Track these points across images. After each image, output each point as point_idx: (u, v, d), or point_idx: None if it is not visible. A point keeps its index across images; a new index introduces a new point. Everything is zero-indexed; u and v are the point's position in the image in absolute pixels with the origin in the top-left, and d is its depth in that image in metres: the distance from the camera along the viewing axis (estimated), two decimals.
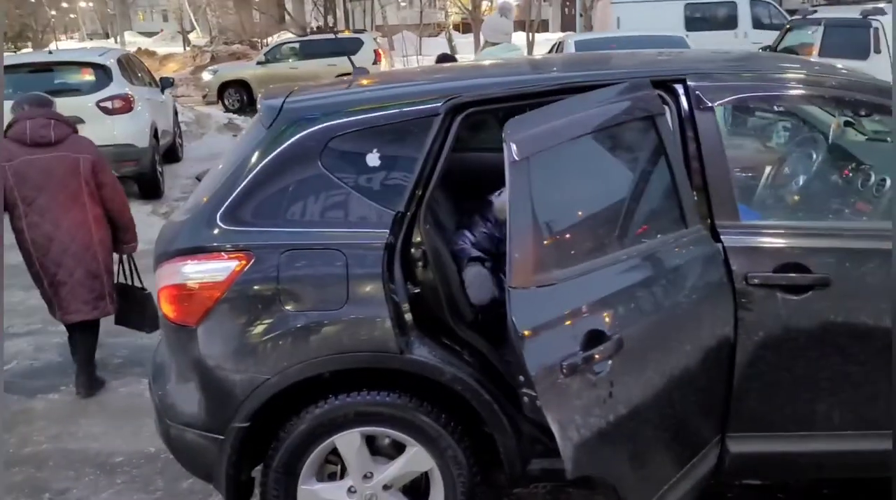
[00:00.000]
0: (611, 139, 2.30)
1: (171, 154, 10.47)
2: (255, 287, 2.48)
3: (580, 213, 2.21)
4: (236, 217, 2.55)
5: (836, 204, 2.90)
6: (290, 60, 18.00)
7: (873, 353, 2.50)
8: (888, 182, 2.95)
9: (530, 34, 25.02)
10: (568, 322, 2.01)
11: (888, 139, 3.33)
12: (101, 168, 4.26)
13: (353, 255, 2.46)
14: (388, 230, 2.47)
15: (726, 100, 2.56)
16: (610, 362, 2.05)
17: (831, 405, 2.56)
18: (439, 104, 2.55)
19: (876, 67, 7.39)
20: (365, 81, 2.92)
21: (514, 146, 1.96)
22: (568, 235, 2.14)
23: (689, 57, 3.40)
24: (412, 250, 2.57)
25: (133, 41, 39.37)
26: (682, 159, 2.43)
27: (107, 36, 44.82)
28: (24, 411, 4.15)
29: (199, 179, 3.33)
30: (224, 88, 17.68)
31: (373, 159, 2.52)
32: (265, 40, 31.01)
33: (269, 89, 3.00)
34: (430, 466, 2.61)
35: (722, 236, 2.47)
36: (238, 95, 17.59)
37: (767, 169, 3.01)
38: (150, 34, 48.15)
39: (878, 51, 8.20)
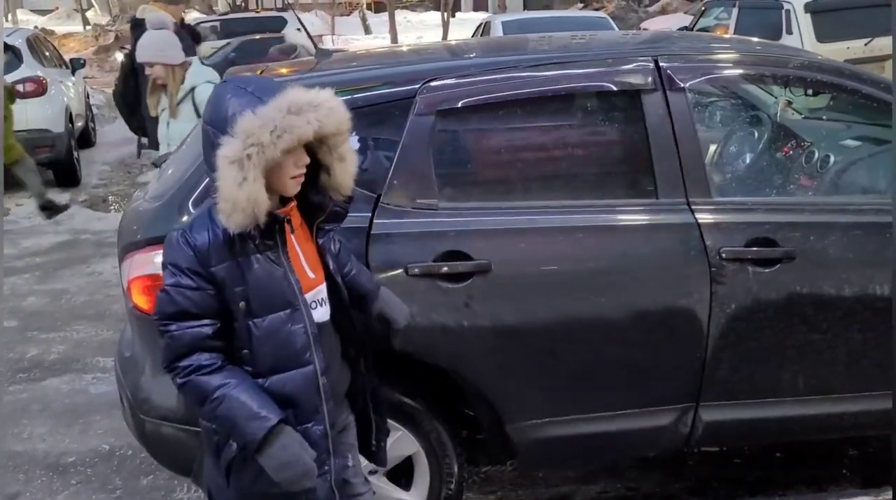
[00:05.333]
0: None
1: (85, 139, 10.04)
2: None
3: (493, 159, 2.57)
4: None
5: (797, 180, 3.03)
6: (212, 39, 17.49)
7: (834, 322, 2.64)
8: (832, 159, 3.10)
9: (445, 15, 24.99)
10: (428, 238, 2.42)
11: (823, 117, 3.51)
12: None
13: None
14: (370, 214, 2.45)
15: (697, 80, 2.63)
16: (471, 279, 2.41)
17: (796, 373, 2.68)
18: (417, 86, 2.53)
19: None
20: (335, 63, 2.86)
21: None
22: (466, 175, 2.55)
23: (657, 37, 3.47)
24: None
25: (26, 19, 37.28)
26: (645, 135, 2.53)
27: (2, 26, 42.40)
28: None
29: (156, 165, 3.21)
30: None
31: (352, 142, 2.48)
32: None
33: (231, 71, 2.91)
34: (414, 449, 2.61)
35: (695, 212, 2.55)
36: None
37: (732, 147, 3.12)
38: (43, 12, 45.69)
39: (789, 32, 8.51)
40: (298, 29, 6.12)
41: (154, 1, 5.58)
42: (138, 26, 5.47)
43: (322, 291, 1.98)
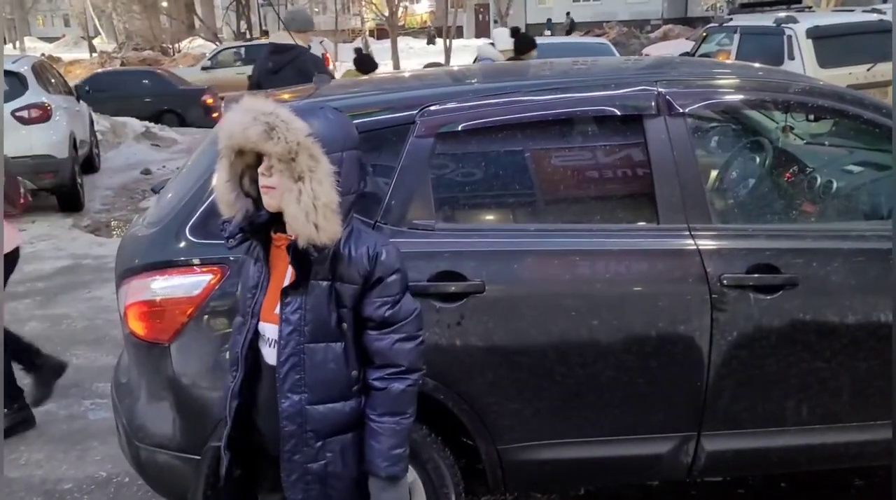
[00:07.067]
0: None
1: (88, 164, 10.06)
2: (232, 301, 2.39)
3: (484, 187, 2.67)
4: (207, 230, 2.46)
5: (798, 205, 3.01)
6: (237, 65, 18.16)
7: (837, 349, 2.60)
8: (834, 184, 3.09)
9: (447, 41, 25.20)
10: (423, 258, 2.39)
11: (825, 143, 3.49)
12: None
13: None
14: None
15: (696, 106, 2.62)
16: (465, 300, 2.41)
17: (799, 401, 2.64)
18: (415, 112, 2.52)
19: None
20: (335, 89, 2.87)
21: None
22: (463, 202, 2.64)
23: (658, 63, 3.48)
24: None
25: (33, 47, 37.79)
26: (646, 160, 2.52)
27: (3, 41, 42.89)
28: None
29: (155, 191, 3.22)
30: None
31: None
32: (177, 45, 30.24)
33: (229, 97, 2.91)
34: (412, 478, 2.57)
35: (696, 238, 2.53)
36: None
37: (733, 172, 3.10)
38: (50, 39, 46.31)
39: (791, 57, 8.53)
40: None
41: (285, 28, 5.71)
42: (280, 52, 5.44)
43: (274, 333, 1.89)
